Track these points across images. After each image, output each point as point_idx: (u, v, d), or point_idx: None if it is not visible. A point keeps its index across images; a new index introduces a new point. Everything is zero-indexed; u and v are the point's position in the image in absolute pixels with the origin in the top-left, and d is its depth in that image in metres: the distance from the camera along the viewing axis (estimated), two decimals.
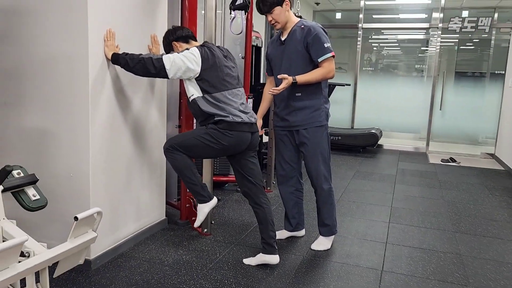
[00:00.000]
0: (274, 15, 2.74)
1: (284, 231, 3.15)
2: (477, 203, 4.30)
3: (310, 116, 2.81)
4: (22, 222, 2.31)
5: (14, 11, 2.49)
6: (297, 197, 3.06)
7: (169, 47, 2.69)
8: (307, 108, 2.80)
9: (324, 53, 2.70)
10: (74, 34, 2.38)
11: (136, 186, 2.93)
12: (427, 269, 2.76)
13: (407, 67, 8.02)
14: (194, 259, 2.76)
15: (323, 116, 2.83)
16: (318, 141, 2.84)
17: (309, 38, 2.70)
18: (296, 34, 2.76)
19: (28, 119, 2.57)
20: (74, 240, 1.86)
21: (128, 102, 2.76)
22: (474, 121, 7.42)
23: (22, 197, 1.94)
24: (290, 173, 3.00)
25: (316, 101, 2.81)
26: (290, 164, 2.98)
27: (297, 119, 2.83)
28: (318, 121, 2.82)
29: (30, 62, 2.51)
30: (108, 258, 2.69)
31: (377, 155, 6.77)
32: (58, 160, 2.53)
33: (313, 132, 2.83)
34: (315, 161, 2.85)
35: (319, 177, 2.88)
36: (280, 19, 2.75)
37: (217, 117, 2.48)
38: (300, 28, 2.76)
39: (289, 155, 2.96)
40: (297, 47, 2.74)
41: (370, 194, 4.49)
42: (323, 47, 2.69)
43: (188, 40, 2.67)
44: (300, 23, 2.79)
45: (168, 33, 2.70)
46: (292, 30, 2.78)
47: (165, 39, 2.70)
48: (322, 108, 2.83)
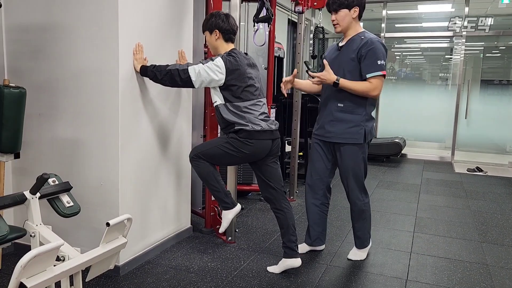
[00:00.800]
0: (338, 16, 2.71)
1: (304, 244, 3.11)
2: (504, 213, 4.22)
3: (347, 131, 2.73)
4: (55, 228, 2.41)
5: (48, 27, 2.63)
6: (321, 210, 3.01)
7: (210, 29, 2.63)
8: (346, 122, 2.73)
9: (375, 70, 2.62)
10: (105, 48, 2.49)
11: (162, 195, 3.02)
12: (453, 279, 2.74)
13: (431, 76, 7.95)
14: (219, 267, 2.81)
15: (361, 134, 2.72)
16: (352, 159, 2.77)
17: (364, 50, 2.62)
18: (354, 43, 2.70)
19: (60, 130, 2.69)
20: (106, 245, 1.94)
21: (155, 113, 2.85)
22: (501, 130, 7.27)
23: (57, 204, 2.04)
24: (318, 185, 2.95)
25: (357, 117, 2.72)
26: (320, 176, 2.93)
27: (333, 130, 2.77)
28: (354, 138, 2.72)
29: (62, 76, 2.63)
30: (136, 265, 2.77)
31: (401, 165, 6.71)
32: (89, 169, 2.64)
33: (348, 149, 2.75)
34: (348, 178, 2.82)
35: (352, 193, 2.86)
36: (342, 22, 2.71)
37: (237, 126, 2.54)
38: (359, 38, 2.69)
39: (320, 166, 2.91)
40: (351, 55, 2.68)
41: (394, 203, 4.46)
42: (376, 63, 2.62)
43: (228, 40, 2.65)
44: (362, 33, 2.72)
45: (220, 17, 2.61)
46: (352, 38, 2.72)
47: (214, 20, 2.61)
48: (361, 125, 2.72)
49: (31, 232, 1.91)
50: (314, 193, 2.99)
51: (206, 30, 2.68)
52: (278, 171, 2.76)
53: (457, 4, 7.24)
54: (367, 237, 3.00)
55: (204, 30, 2.69)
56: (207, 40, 2.70)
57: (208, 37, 2.68)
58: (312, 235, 3.07)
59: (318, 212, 3.02)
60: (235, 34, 2.70)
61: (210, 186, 2.66)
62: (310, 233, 3.07)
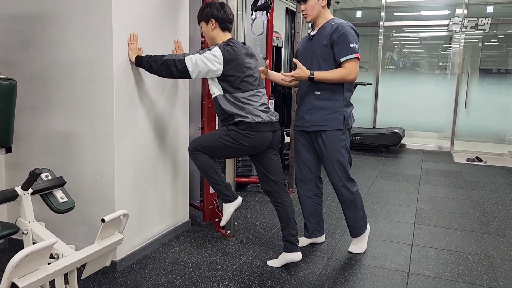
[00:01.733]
0: (307, 6, 2.70)
1: (303, 238, 3.06)
2: (505, 204, 4.19)
3: (326, 118, 2.72)
4: (48, 223, 2.35)
5: (38, 16, 2.54)
6: (315, 202, 2.98)
7: (206, 19, 2.56)
8: (324, 109, 2.72)
9: (348, 53, 2.61)
10: (98, 38, 2.41)
11: (160, 188, 2.96)
12: (455, 271, 2.70)
13: (429, 65, 7.88)
14: (218, 261, 2.76)
15: (340, 120, 2.72)
16: (334, 145, 2.74)
17: (335, 35, 2.62)
18: (324, 30, 2.70)
19: (54, 123, 2.62)
20: (101, 242, 1.88)
21: (151, 105, 2.78)
22: (500, 119, 7.23)
23: (50, 200, 1.97)
24: (307, 176, 2.93)
25: (335, 103, 2.72)
26: (308, 167, 2.91)
27: (313, 119, 2.76)
28: (334, 124, 2.72)
29: (55, 67, 2.56)
30: (133, 260, 2.72)
31: (400, 155, 6.66)
32: (84, 163, 2.57)
33: (329, 135, 2.73)
34: (331, 167, 2.78)
35: (337, 183, 2.81)
36: (312, 12, 2.70)
37: (237, 118, 2.48)
38: (330, 25, 2.69)
39: (307, 157, 2.90)
40: (322, 42, 2.68)
41: (394, 194, 4.42)
42: (348, 46, 2.61)
43: (224, 29, 2.59)
44: (332, 20, 2.71)
45: (216, 7, 2.55)
46: (323, 26, 2.72)
47: (209, 10, 2.55)
48: (340, 111, 2.72)
49: (23, 229, 1.85)
50: (304, 184, 2.96)
51: (202, 21, 2.60)
52: (279, 163, 2.70)
53: None
54: (360, 225, 2.93)
55: (200, 20, 2.62)
56: (204, 31, 2.63)
57: (204, 27, 2.60)
58: (309, 228, 3.04)
59: (312, 204, 2.98)
60: (231, 23, 2.62)
61: (210, 179, 2.60)
62: (307, 226, 3.04)
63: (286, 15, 6.77)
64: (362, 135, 6.78)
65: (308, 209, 3.00)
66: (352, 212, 2.88)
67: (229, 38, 2.58)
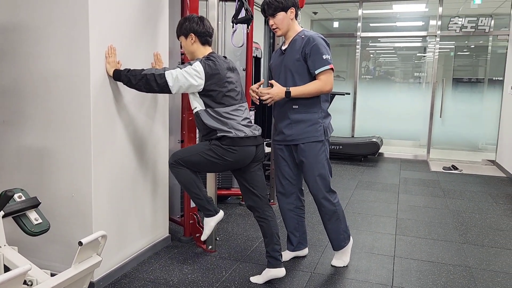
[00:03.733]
0: (276, 20, 2.67)
1: (286, 251, 3.02)
2: (482, 212, 4.26)
3: (306, 131, 2.70)
4: (23, 244, 2.25)
5: (12, 27, 2.45)
6: (297, 214, 2.95)
7: (185, 33, 2.53)
8: (304, 122, 2.70)
9: (322, 65, 2.60)
10: (75, 50, 2.33)
11: (139, 204, 2.87)
12: (438, 284, 2.71)
13: (405, 74, 8.02)
14: (200, 278, 2.69)
15: (320, 131, 2.71)
16: (315, 157, 2.73)
17: (307, 48, 2.61)
18: (295, 43, 2.68)
19: (28, 138, 2.51)
20: (78, 265, 1.80)
21: (130, 119, 2.70)
22: (474, 128, 7.40)
23: (23, 222, 1.88)
24: (289, 189, 2.89)
25: (313, 115, 2.70)
26: (289, 180, 2.88)
27: (293, 133, 2.74)
28: (314, 136, 2.70)
29: (29, 80, 2.46)
30: (112, 279, 2.62)
31: (378, 164, 6.73)
32: (59, 180, 2.47)
33: (310, 147, 2.72)
34: (313, 179, 2.76)
35: (318, 195, 2.79)
36: (281, 26, 2.68)
37: (220, 133, 2.43)
38: (300, 37, 2.67)
39: (287, 170, 2.86)
40: (295, 56, 2.66)
41: (374, 205, 4.44)
42: (321, 58, 2.60)
43: (204, 43, 2.55)
44: (302, 33, 2.70)
45: (194, 21, 2.51)
46: (293, 39, 2.71)
47: (188, 24, 2.51)
48: (319, 122, 2.71)
49: None
50: (286, 198, 2.92)
51: (181, 35, 2.56)
52: (263, 178, 2.67)
53: (431, 4, 7.32)
54: (343, 237, 2.90)
55: (179, 35, 2.57)
56: (183, 46, 2.58)
57: (183, 42, 2.55)
58: (293, 241, 3.00)
59: (295, 217, 2.95)
60: (211, 37, 2.59)
61: (191, 194, 2.55)
62: (290, 239, 3.00)
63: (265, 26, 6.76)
64: (341, 144, 6.82)
65: (291, 222, 2.96)
66: (334, 224, 2.85)
67: (210, 53, 2.54)
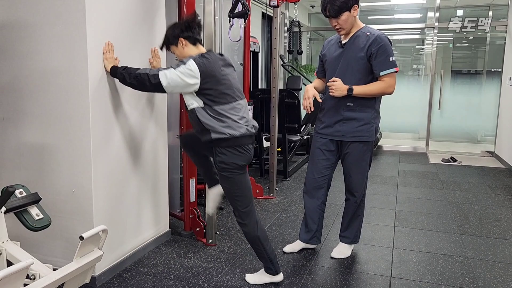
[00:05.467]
0: (341, 21, 2.57)
1: (298, 242, 3.03)
2: (480, 203, 4.28)
3: (358, 130, 2.68)
4: (24, 239, 2.27)
5: (10, 25, 2.46)
6: (321, 209, 2.95)
7: (174, 41, 2.46)
8: (356, 121, 2.67)
9: (388, 67, 2.56)
10: (72, 47, 2.34)
11: (139, 199, 2.90)
12: (436, 274, 2.74)
13: (403, 67, 8.03)
14: (200, 272, 2.72)
15: (372, 131, 2.70)
16: (362, 156, 2.73)
17: (374, 47, 2.55)
18: (359, 40, 2.60)
19: (27, 135, 2.53)
20: (80, 259, 1.82)
21: (129, 114, 2.72)
22: (473, 119, 7.42)
23: (25, 217, 1.90)
24: (321, 183, 2.87)
25: (367, 115, 2.67)
26: (323, 174, 2.85)
27: (343, 129, 2.71)
28: (366, 136, 2.69)
29: (28, 77, 2.47)
30: (113, 274, 2.65)
31: (377, 157, 6.75)
32: (59, 176, 2.49)
33: (359, 147, 2.71)
34: (355, 175, 2.78)
35: (356, 190, 2.82)
36: (346, 25, 2.59)
37: (214, 135, 2.36)
38: (365, 34, 2.60)
39: (324, 164, 2.83)
40: (358, 54, 2.59)
41: (373, 197, 4.46)
42: (388, 60, 2.55)
43: (196, 43, 2.48)
44: (365, 29, 2.63)
45: (178, 26, 2.46)
46: (355, 35, 2.62)
47: (172, 31, 2.46)
48: (372, 122, 2.69)
49: None
50: (315, 192, 2.90)
51: (171, 45, 2.48)
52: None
53: None
54: (357, 235, 2.99)
55: (170, 45, 2.49)
56: (177, 54, 2.49)
57: (176, 50, 2.48)
58: (309, 234, 2.98)
59: (319, 211, 2.95)
60: (199, 35, 2.51)
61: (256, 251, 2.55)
62: (308, 231, 2.98)
63: (263, 20, 6.77)
64: None
65: (314, 216, 2.95)
66: (358, 221, 2.94)
67: (207, 51, 2.47)
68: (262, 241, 2.49)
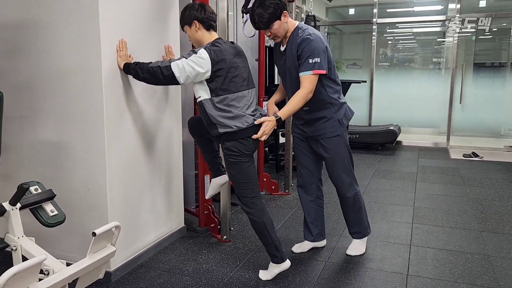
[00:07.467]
0: (273, 30, 2.50)
1: (305, 242, 3.02)
2: (503, 200, 4.17)
3: (323, 127, 2.69)
4: (40, 236, 2.31)
5: (25, 25, 2.49)
6: (317, 204, 2.96)
7: (188, 22, 2.47)
8: (318, 120, 2.68)
9: (304, 69, 2.45)
10: (86, 45, 2.37)
11: (154, 195, 2.91)
12: (455, 272, 2.67)
13: (423, 60, 7.85)
14: (214, 268, 2.72)
15: (336, 125, 2.68)
16: (336, 150, 2.72)
17: (300, 50, 2.48)
18: (292, 45, 2.55)
19: (43, 132, 2.57)
20: (93, 255, 1.84)
21: (142, 111, 2.73)
22: (495, 113, 7.21)
23: (40, 214, 1.93)
24: (309, 179, 2.90)
25: (325, 112, 2.66)
26: (309, 170, 2.88)
27: (310, 130, 2.74)
28: (331, 131, 2.69)
29: (43, 76, 2.51)
30: (128, 269, 2.68)
31: (396, 152, 6.64)
32: (75, 173, 2.52)
33: (329, 142, 2.71)
34: (335, 171, 2.76)
35: (342, 186, 2.79)
36: (279, 33, 2.53)
37: (221, 129, 2.39)
38: (295, 37, 2.52)
39: (307, 160, 2.87)
40: (294, 61, 2.54)
41: (391, 193, 4.39)
42: (307, 62, 2.44)
43: (209, 28, 2.49)
44: (297, 31, 2.54)
45: (195, 8, 2.46)
46: (289, 39, 2.56)
47: (189, 12, 2.46)
48: (334, 117, 2.67)
49: (12, 245, 1.81)
50: (306, 188, 2.93)
51: (185, 25, 2.50)
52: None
53: None
54: (365, 226, 2.93)
55: (183, 25, 2.51)
56: (189, 35, 2.53)
57: (188, 31, 2.51)
58: (313, 232, 2.98)
59: (315, 207, 2.95)
60: (215, 21, 2.53)
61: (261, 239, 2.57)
62: (310, 230, 2.98)
63: None
64: (358, 133, 6.75)
65: (312, 213, 2.95)
66: (357, 214, 2.88)
67: (216, 38, 2.49)
68: (268, 228, 2.52)
